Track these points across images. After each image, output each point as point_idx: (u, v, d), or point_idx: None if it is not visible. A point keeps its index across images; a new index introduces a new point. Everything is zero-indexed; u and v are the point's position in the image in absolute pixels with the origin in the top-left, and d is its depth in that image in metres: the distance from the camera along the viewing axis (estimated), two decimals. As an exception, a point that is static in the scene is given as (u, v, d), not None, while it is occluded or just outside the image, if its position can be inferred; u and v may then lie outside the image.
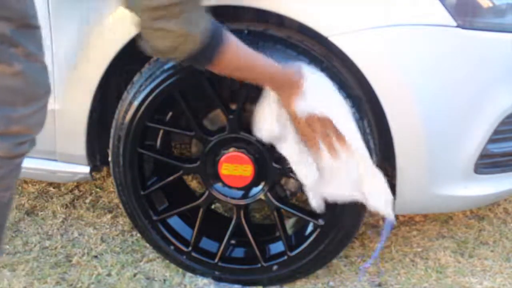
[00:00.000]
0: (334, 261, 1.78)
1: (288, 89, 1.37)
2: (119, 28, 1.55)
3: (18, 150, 1.02)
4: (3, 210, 1.07)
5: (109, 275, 1.78)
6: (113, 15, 1.56)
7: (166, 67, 1.56)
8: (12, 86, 0.97)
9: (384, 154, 1.62)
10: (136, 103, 1.60)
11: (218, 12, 1.69)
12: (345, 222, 1.59)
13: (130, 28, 1.54)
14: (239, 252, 1.76)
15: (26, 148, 1.05)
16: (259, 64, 1.31)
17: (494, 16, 1.47)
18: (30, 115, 1.01)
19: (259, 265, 1.69)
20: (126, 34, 1.55)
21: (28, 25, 1.00)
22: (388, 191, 1.44)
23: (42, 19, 1.11)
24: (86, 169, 1.77)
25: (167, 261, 1.80)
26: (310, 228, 1.68)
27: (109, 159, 1.69)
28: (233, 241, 1.74)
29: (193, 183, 2.21)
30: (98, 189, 2.26)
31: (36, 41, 1.02)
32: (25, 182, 2.30)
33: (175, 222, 1.75)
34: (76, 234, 1.99)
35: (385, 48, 1.44)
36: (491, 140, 1.52)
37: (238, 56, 1.25)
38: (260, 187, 1.65)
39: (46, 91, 1.06)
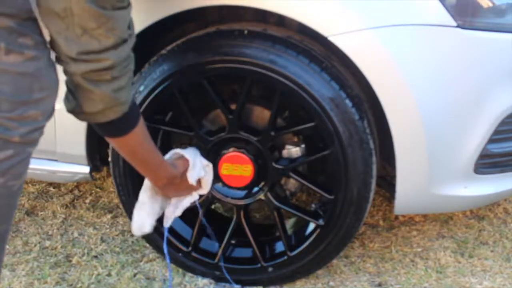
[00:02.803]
0: (334, 261, 1.78)
1: (168, 186, 1.45)
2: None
3: (33, 136, 1.03)
4: (12, 199, 1.08)
5: (109, 275, 1.78)
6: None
7: (166, 67, 1.56)
8: (27, 72, 0.99)
9: (384, 154, 1.62)
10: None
11: (219, 12, 1.70)
12: (345, 222, 1.59)
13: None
14: (239, 252, 1.76)
15: (37, 136, 1.05)
16: (155, 155, 1.35)
17: (494, 16, 1.47)
18: (44, 100, 1.02)
19: (259, 265, 1.69)
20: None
21: (33, 18, 1.01)
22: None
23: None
24: (86, 169, 1.77)
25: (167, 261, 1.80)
26: (310, 228, 1.68)
27: (109, 159, 1.69)
28: (233, 241, 1.74)
29: (193, 183, 2.21)
30: (98, 189, 2.26)
31: (41, 31, 1.03)
32: (25, 182, 2.29)
33: (175, 222, 1.75)
34: (76, 234, 1.99)
35: (385, 48, 1.44)
36: (491, 140, 1.52)
37: (145, 137, 1.27)
38: (260, 187, 1.65)
39: (57, 78, 1.07)
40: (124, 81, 1.11)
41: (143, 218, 1.50)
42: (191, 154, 1.49)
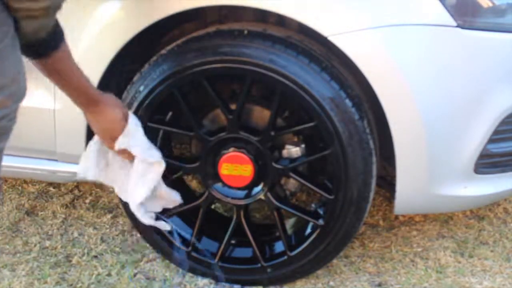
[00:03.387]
0: (334, 261, 1.78)
1: (93, 109, 1.46)
2: (118, 28, 1.55)
3: (1, 124, 1.01)
4: None
5: (109, 275, 1.78)
6: (112, 15, 1.57)
7: (166, 67, 1.56)
8: None
9: (384, 154, 1.62)
10: (136, 103, 1.60)
11: (218, 12, 1.70)
12: (345, 222, 1.59)
13: (129, 29, 1.55)
14: (239, 252, 1.76)
15: (6, 124, 1.03)
16: (82, 74, 1.37)
17: (494, 16, 1.47)
18: (8, 85, 1.01)
19: (259, 265, 1.69)
20: (126, 34, 1.56)
21: None
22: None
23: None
24: (86, 169, 1.77)
25: (167, 261, 1.80)
26: (310, 228, 1.68)
27: (109, 159, 1.69)
28: (233, 241, 1.74)
29: (193, 183, 2.21)
30: (98, 189, 2.26)
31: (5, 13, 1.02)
32: (25, 182, 2.30)
33: (175, 222, 1.75)
34: (76, 234, 1.99)
35: (385, 48, 1.44)
36: (491, 140, 1.52)
37: (69, 58, 1.30)
38: (260, 187, 1.65)
39: (21, 60, 1.06)
40: (49, 18, 1.11)
41: (87, 165, 1.58)
42: (133, 124, 1.51)
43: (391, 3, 1.43)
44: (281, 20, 1.61)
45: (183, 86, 1.60)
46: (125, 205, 1.74)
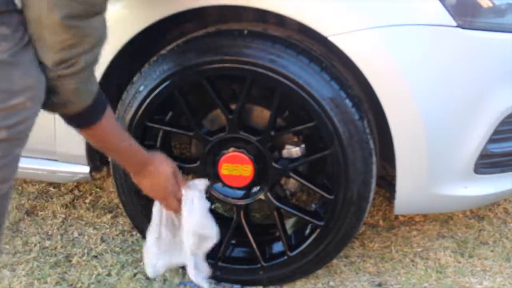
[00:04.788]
0: (334, 261, 1.78)
1: (142, 174, 1.45)
2: (118, 28, 1.55)
3: (19, 128, 1.02)
4: (1, 202, 1.07)
5: (109, 275, 1.78)
6: (112, 15, 1.56)
7: (166, 67, 1.56)
8: (4, 60, 0.97)
9: (384, 154, 1.62)
10: (136, 103, 1.60)
11: (219, 12, 1.70)
12: (345, 222, 1.59)
13: (129, 29, 1.55)
14: (239, 252, 1.76)
15: (24, 129, 1.04)
16: (127, 141, 1.37)
17: (494, 16, 1.47)
18: (30, 87, 1.01)
19: (259, 265, 1.69)
20: (126, 34, 1.55)
21: (12, 10, 0.99)
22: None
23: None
24: (86, 169, 1.77)
25: (167, 261, 1.80)
26: (310, 228, 1.68)
27: (109, 159, 1.69)
28: (233, 241, 1.74)
29: (193, 183, 2.21)
30: (98, 189, 2.26)
31: (19, 22, 1.02)
32: (25, 182, 2.30)
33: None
34: (76, 234, 1.99)
35: (385, 48, 1.44)
36: (491, 140, 1.52)
37: (114, 125, 1.31)
38: (260, 187, 1.65)
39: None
40: (88, 74, 1.11)
41: (152, 260, 1.56)
42: (189, 194, 1.50)
43: (391, 3, 1.43)
44: (281, 20, 1.61)
45: (183, 86, 1.60)
46: (125, 205, 1.74)
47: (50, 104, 1.12)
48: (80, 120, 1.19)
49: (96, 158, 1.79)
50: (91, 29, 1.06)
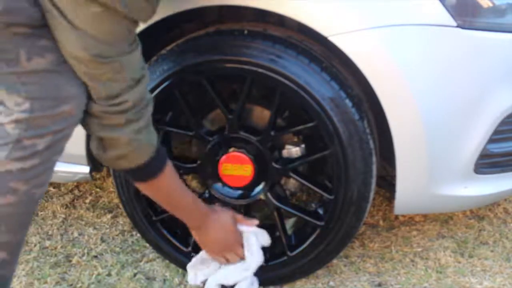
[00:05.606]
0: (334, 261, 1.78)
1: (203, 230, 1.48)
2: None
3: (64, 133, 1.05)
4: (32, 207, 1.10)
5: (109, 275, 1.78)
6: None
7: (166, 67, 1.56)
8: (49, 69, 1.01)
9: (384, 154, 1.62)
10: (136, 103, 1.60)
11: (219, 13, 1.70)
12: (345, 222, 1.59)
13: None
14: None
15: (63, 140, 1.07)
16: (187, 195, 1.40)
17: (494, 16, 1.47)
18: (74, 95, 1.03)
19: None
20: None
21: (45, 25, 1.02)
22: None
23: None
24: (86, 169, 1.77)
25: (167, 261, 1.80)
26: (310, 228, 1.68)
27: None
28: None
29: (193, 183, 2.21)
30: (98, 189, 2.26)
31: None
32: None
33: (175, 222, 1.75)
34: (76, 234, 1.99)
35: (385, 48, 1.44)
36: (491, 140, 1.52)
37: (175, 179, 1.32)
38: (260, 187, 1.65)
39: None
40: (143, 123, 1.13)
41: (194, 273, 1.64)
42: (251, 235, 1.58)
43: (391, 3, 1.43)
44: (281, 20, 1.61)
45: (183, 86, 1.60)
46: (125, 205, 1.74)
47: (110, 159, 1.15)
48: (140, 172, 1.21)
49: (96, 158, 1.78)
50: (126, 65, 1.08)
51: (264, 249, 1.69)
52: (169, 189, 1.30)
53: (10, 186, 1.02)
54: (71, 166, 1.77)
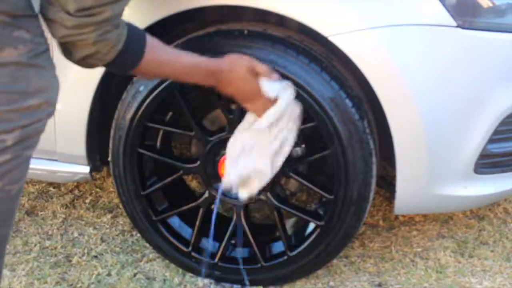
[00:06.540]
0: (334, 261, 1.78)
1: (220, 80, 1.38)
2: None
3: (33, 128, 1.03)
4: (11, 203, 1.08)
5: (109, 275, 1.78)
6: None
7: (166, 67, 1.56)
8: (21, 62, 0.98)
9: (384, 154, 1.62)
10: (136, 103, 1.60)
11: (219, 12, 1.70)
12: (345, 222, 1.59)
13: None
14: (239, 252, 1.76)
15: (35, 132, 1.05)
16: (184, 58, 1.32)
17: (494, 16, 1.47)
18: (45, 88, 1.02)
19: (259, 265, 1.69)
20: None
21: (30, 15, 1.00)
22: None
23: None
24: (86, 169, 1.77)
25: (167, 261, 1.80)
26: (310, 228, 1.68)
27: (109, 159, 1.69)
28: (233, 241, 1.74)
29: (193, 183, 2.21)
30: (98, 189, 2.26)
31: (41, 27, 1.03)
32: (25, 182, 2.29)
33: (175, 222, 1.75)
34: (76, 234, 1.99)
35: (385, 48, 1.44)
36: (491, 140, 1.52)
37: (162, 52, 1.27)
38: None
39: (55, 72, 1.07)
40: (107, 30, 1.09)
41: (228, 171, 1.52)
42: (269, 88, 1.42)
43: (391, 3, 1.43)
44: (281, 20, 1.61)
45: (183, 86, 1.60)
46: (125, 205, 1.74)
47: (79, 60, 1.11)
48: (118, 66, 1.17)
49: (96, 158, 1.79)
50: None
51: (264, 249, 1.69)
52: (161, 64, 1.26)
53: None
54: (71, 166, 1.78)
